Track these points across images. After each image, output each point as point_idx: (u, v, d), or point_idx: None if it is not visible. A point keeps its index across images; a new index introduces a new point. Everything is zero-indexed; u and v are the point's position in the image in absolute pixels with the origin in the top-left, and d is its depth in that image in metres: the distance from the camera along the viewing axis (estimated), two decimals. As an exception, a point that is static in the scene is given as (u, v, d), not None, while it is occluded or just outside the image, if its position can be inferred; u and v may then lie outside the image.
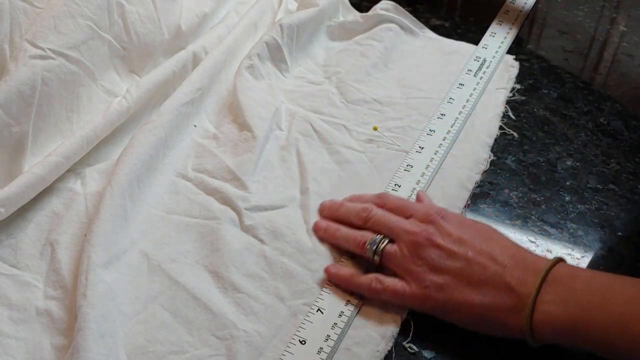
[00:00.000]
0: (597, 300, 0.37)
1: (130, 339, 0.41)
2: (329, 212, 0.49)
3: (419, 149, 0.56)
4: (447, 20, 0.74)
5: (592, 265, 0.47)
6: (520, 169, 0.55)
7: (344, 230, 0.47)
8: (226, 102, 0.60)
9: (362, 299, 0.44)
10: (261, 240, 0.48)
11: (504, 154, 0.56)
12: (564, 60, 0.68)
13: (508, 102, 0.62)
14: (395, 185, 0.53)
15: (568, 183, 0.54)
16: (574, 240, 0.49)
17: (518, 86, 0.64)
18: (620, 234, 0.50)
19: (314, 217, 0.50)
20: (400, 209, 0.46)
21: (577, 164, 0.56)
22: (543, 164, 0.56)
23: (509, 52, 0.68)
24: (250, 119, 0.56)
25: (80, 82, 0.54)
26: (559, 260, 0.40)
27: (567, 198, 0.53)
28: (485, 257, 0.40)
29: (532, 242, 0.49)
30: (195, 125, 0.57)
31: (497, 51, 0.68)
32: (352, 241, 0.46)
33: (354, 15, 0.72)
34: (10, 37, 0.51)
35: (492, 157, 0.56)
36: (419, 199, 0.50)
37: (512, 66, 0.66)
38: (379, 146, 0.57)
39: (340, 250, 0.47)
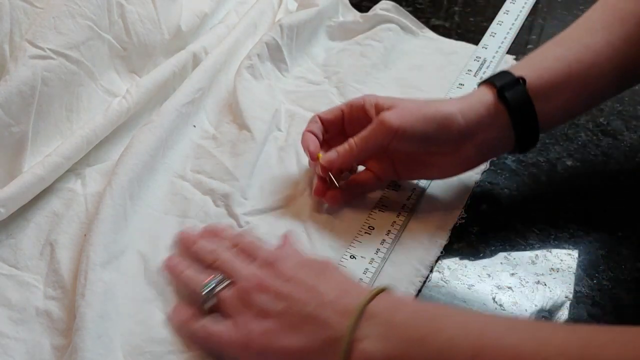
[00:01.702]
0: (418, 335, 0.33)
1: (128, 339, 0.41)
2: (183, 247, 0.46)
3: (418, 149, 0.56)
4: (447, 20, 0.74)
5: (592, 265, 0.47)
6: (520, 169, 0.55)
7: (191, 272, 0.43)
8: (226, 103, 0.60)
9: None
10: (259, 240, 0.47)
11: (504, 154, 0.56)
12: (564, 60, 0.68)
13: (508, 102, 0.62)
14: (395, 185, 0.53)
15: (568, 183, 0.54)
16: (574, 240, 0.49)
17: (518, 86, 0.64)
18: (620, 234, 0.49)
19: (313, 217, 0.50)
20: (249, 252, 0.43)
21: (577, 164, 0.56)
22: (543, 164, 0.56)
23: (509, 52, 0.68)
24: (250, 120, 0.56)
25: (80, 82, 0.54)
26: (382, 290, 0.37)
27: (567, 198, 0.52)
28: (308, 292, 0.37)
29: (532, 242, 0.49)
30: (194, 126, 0.57)
31: (497, 51, 0.68)
32: (193, 284, 0.42)
33: (354, 15, 0.72)
34: (10, 37, 0.51)
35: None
36: (282, 240, 0.46)
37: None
38: (379, 146, 0.57)
39: (339, 251, 0.47)
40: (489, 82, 0.48)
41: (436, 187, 0.53)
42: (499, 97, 0.46)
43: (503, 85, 0.46)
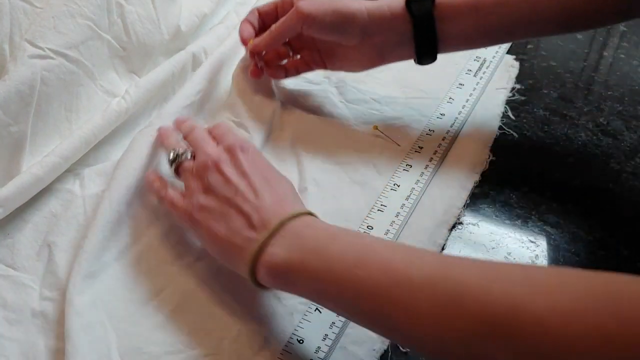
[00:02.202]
0: (315, 247, 0.38)
1: (124, 341, 0.41)
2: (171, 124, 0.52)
3: (418, 148, 0.56)
4: (447, 21, 0.74)
5: (592, 265, 0.47)
6: (520, 169, 0.55)
7: (171, 140, 0.49)
8: (223, 102, 0.60)
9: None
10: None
11: (503, 154, 0.56)
12: (564, 60, 0.68)
13: (508, 102, 0.62)
14: (394, 185, 0.53)
15: (568, 183, 0.54)
16: (573, 240, 0.49)
17: (518, 86, 0.64)
18: (620, 234, 0.49)
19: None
20: (219, 136, 0.47)
21: (577, 164, 0.56)
22: (543, 164, 0.56)
23: (509, 52, 0.68)
24: (247, 120, 0.56)
25: (79, 82, 0.54)
26: (309, 213, 0.41)
27: (567, 198, 0.52)
28: (252, 192, 0.41)
29: (532, 242, 0.49)
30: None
31: (497, 51, 0.68)
32: (166, 148, 0.49)
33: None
34: (10, 37, 0.51)
35: (491, 157, 0.56)
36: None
37: (512, 66, 0.66)
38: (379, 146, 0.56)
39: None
40: None
41: (435, 187, 0.53)
42: (406, 8, 0.51)
43: None
